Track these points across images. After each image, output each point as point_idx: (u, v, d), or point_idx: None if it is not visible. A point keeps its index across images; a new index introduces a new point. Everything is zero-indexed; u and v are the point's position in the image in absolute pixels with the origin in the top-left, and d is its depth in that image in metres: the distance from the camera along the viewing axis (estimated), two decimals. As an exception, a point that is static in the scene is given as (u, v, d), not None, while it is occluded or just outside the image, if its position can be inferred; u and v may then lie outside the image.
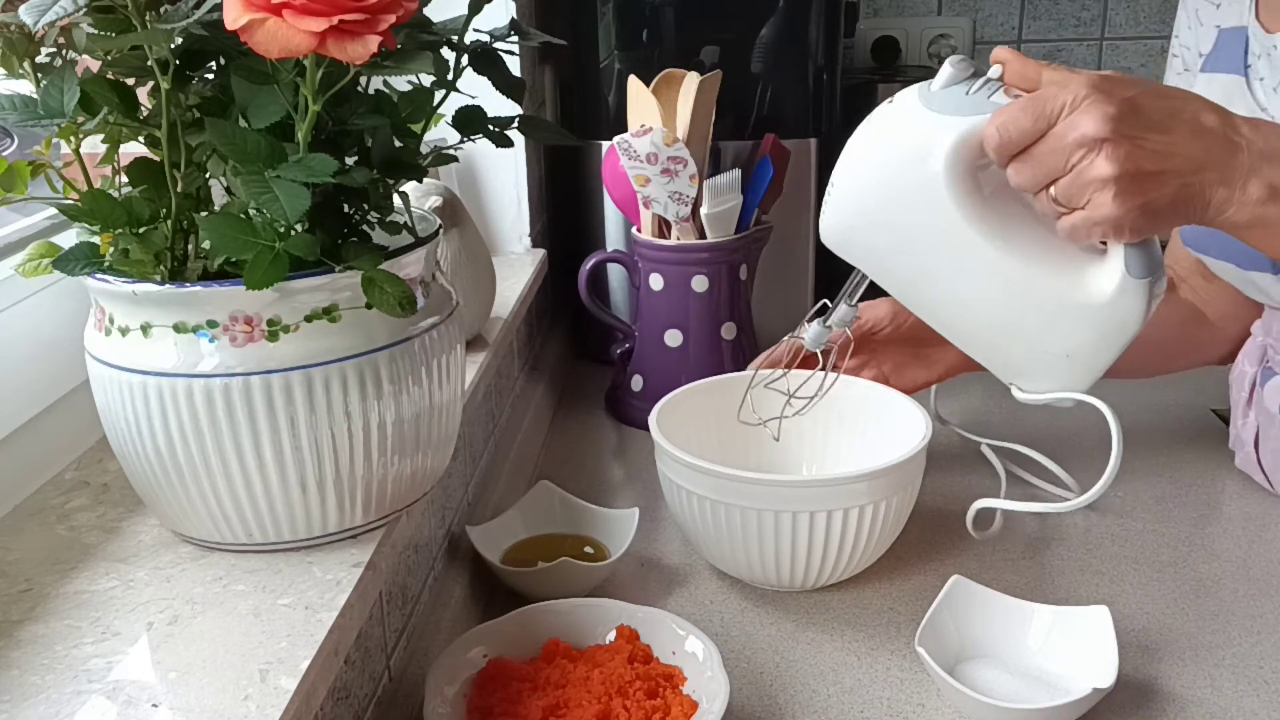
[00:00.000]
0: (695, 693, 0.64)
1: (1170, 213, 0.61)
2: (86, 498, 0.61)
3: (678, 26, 1.20)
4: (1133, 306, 0.62)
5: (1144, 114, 0.59)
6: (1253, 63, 0.88)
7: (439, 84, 0.56)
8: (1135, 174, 0.58)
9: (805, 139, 1.23)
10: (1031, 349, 0.66)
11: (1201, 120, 0.61)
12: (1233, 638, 0.75)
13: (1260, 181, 0.61)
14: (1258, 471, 0.95)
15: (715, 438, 0.87)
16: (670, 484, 0.79)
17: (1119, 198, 0.58)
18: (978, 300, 0.65)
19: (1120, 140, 0.58)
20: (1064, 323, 0.64)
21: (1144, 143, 0.59)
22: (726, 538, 0.76)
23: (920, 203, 0.63)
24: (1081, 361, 0.65)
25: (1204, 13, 0.96)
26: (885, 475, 0.74)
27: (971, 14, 1.77)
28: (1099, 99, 0.58)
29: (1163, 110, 0.60)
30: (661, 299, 1.10)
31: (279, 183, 0.47)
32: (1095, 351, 0.64)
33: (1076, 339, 0.64)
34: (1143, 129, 0.59)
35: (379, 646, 0.64)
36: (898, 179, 0.63)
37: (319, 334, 0.51)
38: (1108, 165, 0.58)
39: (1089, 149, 0.58)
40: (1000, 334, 0.66)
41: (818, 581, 0.79)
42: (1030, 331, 0.65)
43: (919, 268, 0.65)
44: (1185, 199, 0.60)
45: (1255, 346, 0.96)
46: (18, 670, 0.46)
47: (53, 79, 0.49)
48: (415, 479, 0.58)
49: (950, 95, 0.62)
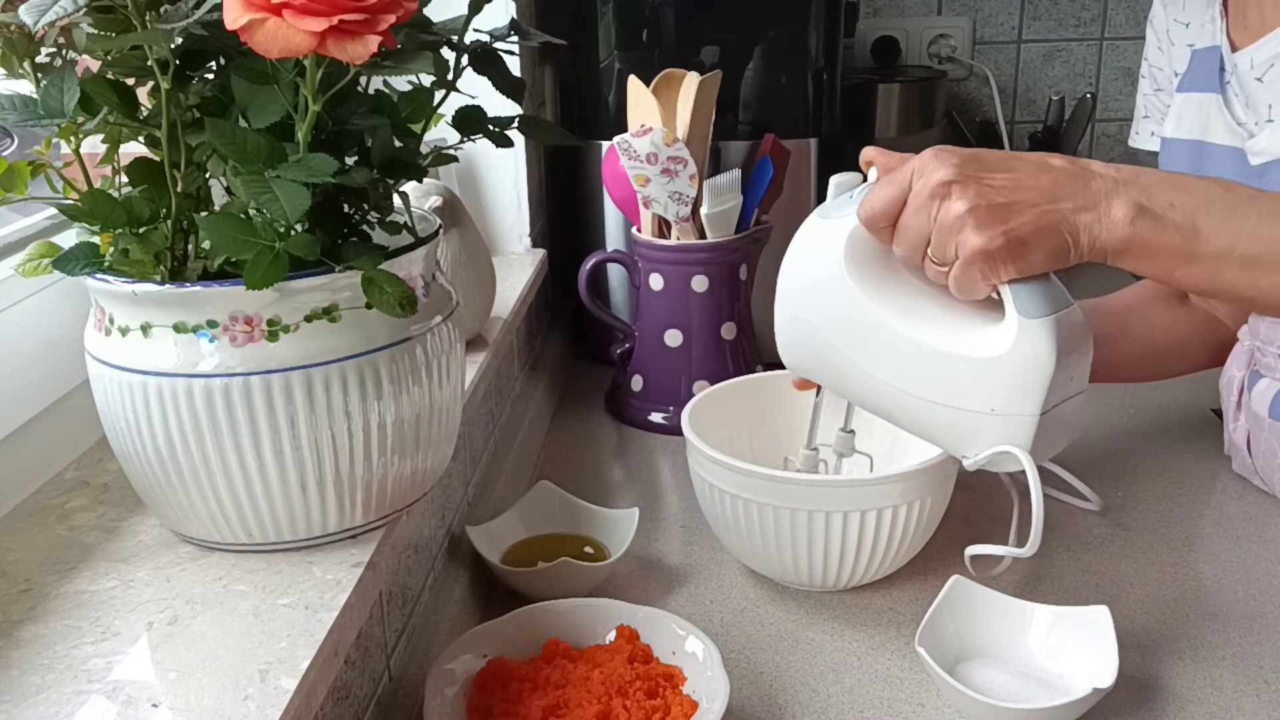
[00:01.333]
0: (695, 693, 0.64)
1: (1038, 242, 0.62)
2: (86, 498, 0.61)
3: (678, 26, 1.20)
4: (1038, 347, 0.63)
5: (985, 160, 0.64)
6: (1229, 80, 0.89)
7: (439, 84, 0.56)
8: (988, 206, 0.61)
9: (805, 139, 1.23)
10: (960, 416, 0.67)
11: (1047, 160, 0.65)
12: (1233, 638, 0.75)
13: (1124, 201, 0.62)
14: (1254, 475, 0.95)
15: (747, 437, 0.88)
16: (703, 483, 0.79)
17: (977, 230, 0.61)
18: (903, 379, 0.68)
19: (967, 180, 0.62)
20: (979, 381, 0.65)
21: (990, 180, 0.62)
22: (760, 537, 0.76)
23: (834, 300, 0.69)
24: (1012, 415, 0.65)
25: (1174, 33, 0.97)
26: (919, 476, 0.74)
27: (971, 14, 1.77)
28: (943, 155, 0.63)
29: (1003, 157, 0.65)
30: (661, 299, 1.10)
31: (279, 183, 0.47)
32: (1018, 400, 0.64)
33: (995, 394, 0.65)
34: (988, 171, 0.63)
35: (379, 646, 0.64)
36: (814, 287, 0.70)
37: (319, 334, 0.51)
38: (960, 203, 0.61)
39: (941, 196, 0.62)
40: (931, 409, 0.68)
41: (851, 581, 0.79)
42: (954, 399, 0.67)
43: (852, 363, 0.70)
44: (1048, 226, 0.62)
45: (1243, 350, 0.96)
46: (18, 670, 0.46)
47: (53, 79, 0.49)
48: (415, 479, 0.58)
49: (839, 204, 0.69)
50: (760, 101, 1.21)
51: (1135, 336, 0.98)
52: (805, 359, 0.74)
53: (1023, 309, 0.63)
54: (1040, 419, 0.64)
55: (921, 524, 0.76)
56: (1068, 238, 0.62)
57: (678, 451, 1.04)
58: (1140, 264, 0.63)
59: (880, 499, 0.73)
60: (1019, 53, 1.80)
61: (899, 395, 0.69)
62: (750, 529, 0.77)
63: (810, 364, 0.74)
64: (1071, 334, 0.64)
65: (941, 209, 0.62)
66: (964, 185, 0.62)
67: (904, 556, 0.79)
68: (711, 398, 0.88)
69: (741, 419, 0.89)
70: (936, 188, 0.62)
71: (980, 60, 1.79)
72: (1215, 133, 0.91)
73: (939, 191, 0.62)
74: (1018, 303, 0.63)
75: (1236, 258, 0.62)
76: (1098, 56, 1.79)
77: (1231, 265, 0.62)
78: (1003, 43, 1.79)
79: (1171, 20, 0.98)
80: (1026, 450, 0.65)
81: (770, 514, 0.75)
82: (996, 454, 0.66)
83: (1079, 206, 0.62)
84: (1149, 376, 1.05)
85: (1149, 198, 0.62)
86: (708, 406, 0.86)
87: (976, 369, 0.65)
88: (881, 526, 0.74)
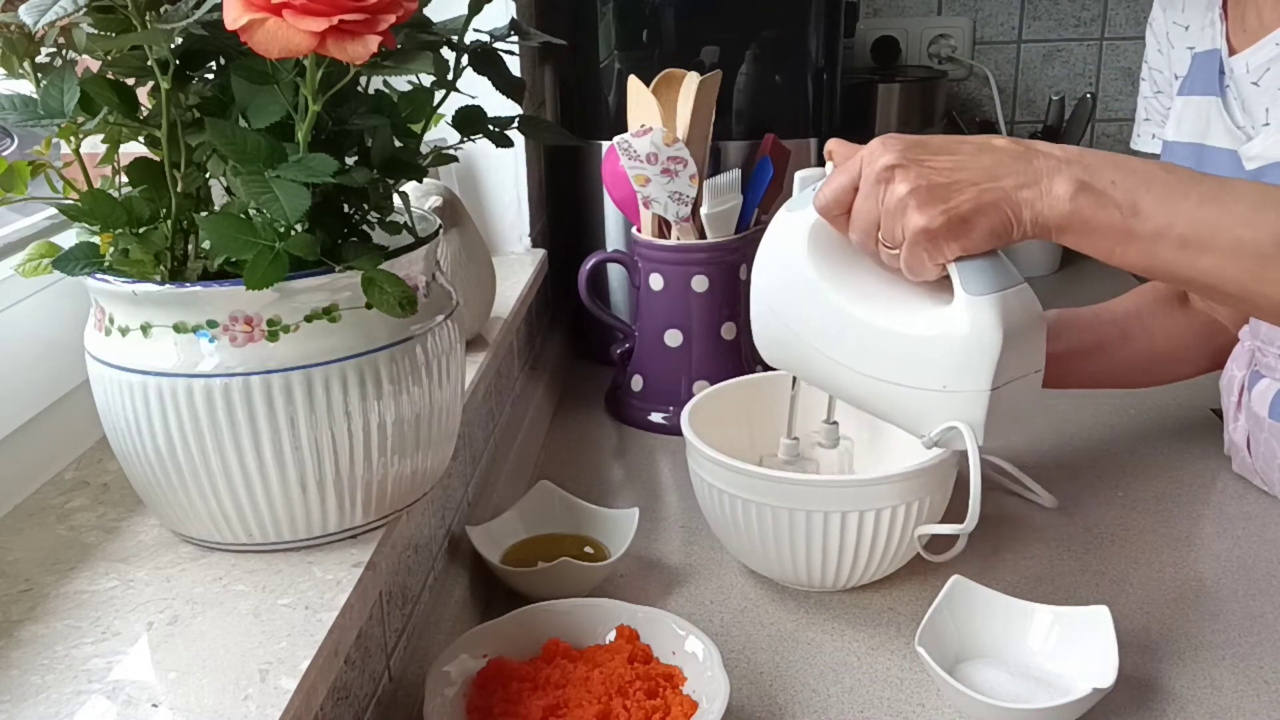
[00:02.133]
0: (695, 693, 0.64)
1: (979, 219, 0.64)
2: (86, 498, 0.61)
3: (678, 26, 1.20)
4: (984, 323, 0.65)
5: (929, 144, 0.66)
6: (1228, 84, 0.90)
7: (439, 84, 0.56)
8: (929, 186, 0.64)
9: (805, 139, 1.23)
10: (915, 395, 0.69)
11: (990, 141, 0.66)
12: (1233, 638, 0.75)
13: (1065, 178, 0.64)
14: (1254, 475, 0.95)
15: (747, 437, 0.88)
16: (703, 483, 0.79)
17: (919, 210, 0.64)
18: (863, 362, 0.71)
19: (909, 164, 0.64)
20: (931, 359, 0.67)
21: (932, 162, 0.65)
22: (759, 537, 0.76)
23: (799, 289, 0.72)
24: (962, 390, 0.67)
25: (1174, 35, 0.97)
26: (919, 476, 0.74)
27: (971, 14, 1.77)
28: (889, 142, 0.66)
29: (947, 140, 0.67)
30: (661, 299, 1.10)
31: (279, 183, 0.47)
32: (969, 376, 0.66)
33: (946, 371, 0.67)
34: (930, 154, 0.65)
35: (379, 646, 0.64)
36: (781, 279, 0.74)
37: (319, 334, 0.51)
38: (902, 185, 0.64)
39: (886, 180, 0.65)
40: (889, 390, 0.70)
41: (851, 581, 0.79)
42: (908, 378, 0.69)
43: (817, 350, 0.73)
44: (988, 203, 0.64)
45: (1243, 351, 0.96)
46: (18, 670, 0.46)
47: (53, 79, 0.49)
48: (415, 479, 0.58)
49: (802, 197, 0.72)
50: (760, 101, 1.21)
51: (1135, 342, 0.98)
52: (779, 351, 0.77)
53: (969, 286, 0.65)
54: (990, 394, 0.66)
55: (922, 524, 0.76)
56: (1009, 214, 0.64)
57: (678, 451, 1.04)
58: (1081, 240, 0.65)
59: (881, 499, 0.73)
60: (1019, 53, 1.80)
61: (860, 379, 0.71)
62: (750, 529, 0.77)
63: (784, 355, 0.77)
64: (1019, 310, 0.66)
65: (887, 192, 0.64)
66: (905, 168, 0.64)
67: (904, 556, 0.79)
68: (711, 398, 0.88)
69: (741, 419, 0.89)
70: (881, 172, 0.65)
71: (980, 60, 1.79)
72: (1215, 136, 0.91)
73: (883, 176, 0.65)
74: (964, 280, 0.65)
75: (1175, 237, 0.63)
76: (1098, 56, 1.79)
77: (1169, 244, 0.63)
78: (1003, 43, 1.79)
79: (1171, 23, 0.98)
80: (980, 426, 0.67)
81: (770, 514, 0.75)
82: (946, 430, 0.68)
83: (1020, 184, 0.64)
84: (1149, 382, 1.04)
85: (1091, 175, 0.64)
86: (707, 407, 0.86)
87: (927, 347, 0.67)
88: (881, 526, 0.74)
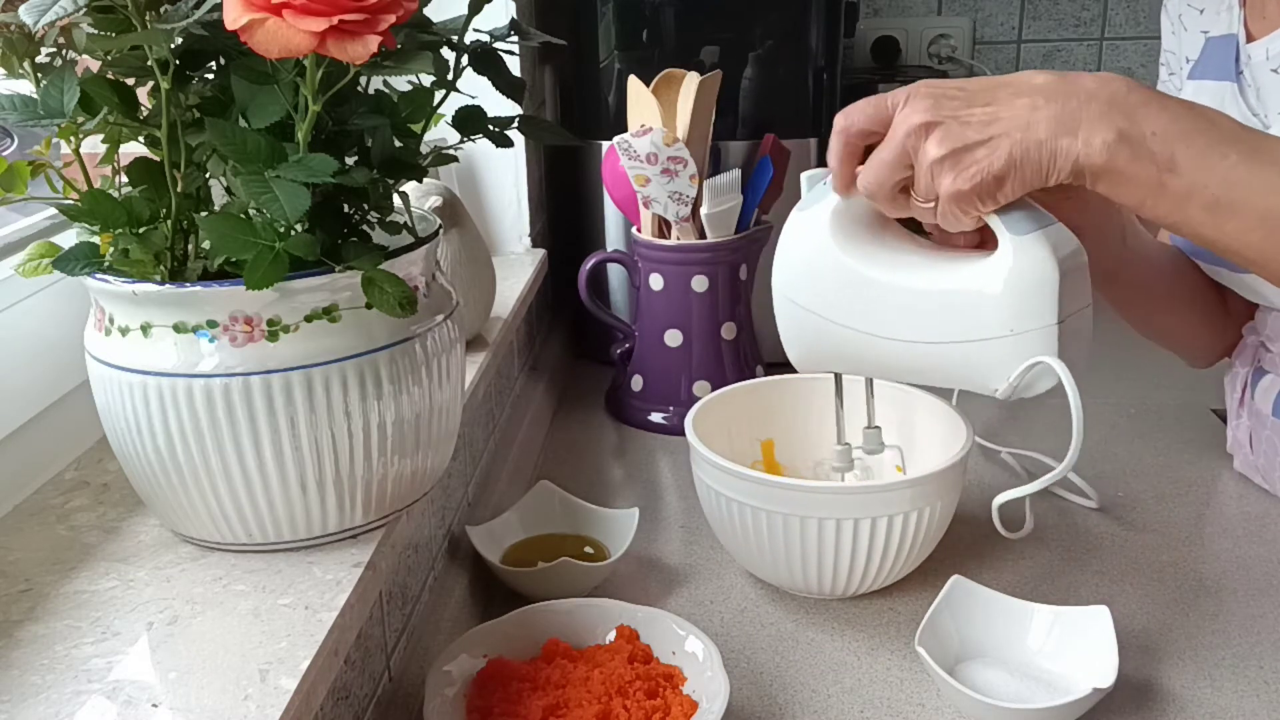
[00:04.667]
0: (695, 693, 0.64)
1: (1013, 174, 0.62)
2: (86, 498, 0.61)
3: (678, 26, 1.20)
4: (1038, 258, 0.64)
5: (966, 92, 0.63)
6: (1243, 69, 0.89)
7: (439, 84, 0.56)
8: (962, 148, 0.62)
9: (805, 139, 1.23)
10: (981, 348, 0.67)
11: (1031, 80, 0.63)
12: (1232, 638, 0.75)
13: (1105, 125, 0.61)
14: (1256, 472, 0.95)
15: (751, 442, 0.87)
16: (708, 489, 0.78)
17: (954, 172, 0.62)
18: (914, 331, 0.69)
19: (943, 120, 0.62)
20: (990, 309, 0.66)
21: (966, 117, 0.62)
22: (768, 545, 0.76)
23: (829, 278, 0.70)
24: (1030, 330, 0.66)
25: (1188, 18, 0.96)
26: (928, 482, 0.73)
27: (971, 14, 1.77)
28: (924, 91, 0.63)
29: (985, 84, 0.64)
30: (661, 299, 1.10)
31: (279, 183, 0.47)
32: (1034, 314, 0.65)
33: (1009, 315, 0.66)
34: (964, 106, 0.62)
35: (379, 646, 0.64)
36: (808, 272, 0.71)
37: (319, 334, 0.51)
38: (935, 148, 0.62)
39: (918, 136, 0.62)
40: (949, 351, 0.69)
41: (859, 589, 0.78)
42: (969, 333, 0.67)
43: (858, 333, 0.71)
44: (1023, 158, 0.62)
45: (1247, 347, 0.96)
46: (18, 670, 0.46)
47: (53, 79, 0.49)
48: (415, 479, 0.58)
49: (813, 194, 0.71)
50: (760, 101, 1.21)
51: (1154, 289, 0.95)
52: (812, 349, 0.74)
53: (1014, 229, 0.64)
54: (1059, 327, 0.65)
55: (931, 529, 0.76)
56: (1044, 165, 0.62)
57: (678, 451, 1.04)
58: (1114, 190, 0.63)
59: (890, 505, 0.73)
60: (1019, 53, 1.80)
61: (914, 349, 0.69)
62: (759, 536, 0.76)
63: (818, 352, 0.74)
64: (1065, 244, 0.65)
65: (920, 151, 0.63)
66: (937, 126, 0.62)
67: (913, 562, 0.78)
68: (715, 402, 0.87)
69: (745, 423, 0.88)
70: (914, 127, 0.63)
71: (980, 60, 1.79)
72: None
73: (915, 131, 0.63)
74: (1008, 224, 0.64)
75: (1207, 197, 0.61)
76: (1098, 56, 1.79)
77: (1200, 204, 0.61)
78: (1003, 43, 1.79)
79: (1185, 5, 0.97)
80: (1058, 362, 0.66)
81: (780, 521, 0.74)
82: (1028, 370, 0.66)
83: (1056, 132, 0.62)
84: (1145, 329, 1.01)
85: (1131, 122, 0.61)
86: (711, 411, 0.85)
87: (984, 298, 0.66)
88: (892, 533, 0.73)
